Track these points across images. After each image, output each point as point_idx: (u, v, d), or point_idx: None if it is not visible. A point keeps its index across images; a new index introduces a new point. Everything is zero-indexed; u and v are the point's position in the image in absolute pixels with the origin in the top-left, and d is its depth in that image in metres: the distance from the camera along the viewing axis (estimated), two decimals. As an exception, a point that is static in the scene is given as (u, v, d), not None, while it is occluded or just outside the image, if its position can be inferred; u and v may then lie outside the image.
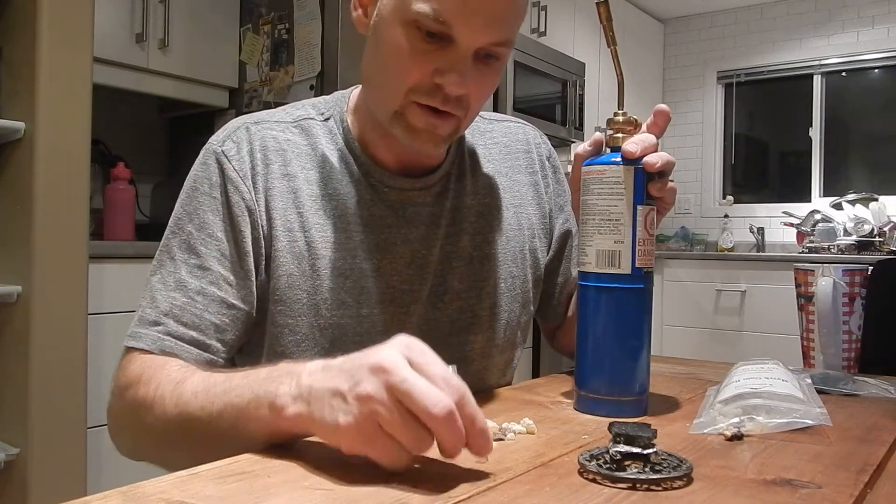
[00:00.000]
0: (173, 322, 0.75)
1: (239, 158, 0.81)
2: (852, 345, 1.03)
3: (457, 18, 0.71)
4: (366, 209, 0.84)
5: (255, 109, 2.56)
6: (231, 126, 0.85)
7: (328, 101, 0.90)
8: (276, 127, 0.85)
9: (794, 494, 0.51)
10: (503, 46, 0.76)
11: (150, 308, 0.77)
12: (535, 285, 0.96)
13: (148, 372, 0.72)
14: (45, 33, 1.70)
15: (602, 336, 0.74)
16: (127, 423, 0.76)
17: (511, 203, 0.94)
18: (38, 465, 1.70)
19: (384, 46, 0.76)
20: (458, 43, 0.73)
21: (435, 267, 0.86)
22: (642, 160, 0.72)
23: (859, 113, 4.37)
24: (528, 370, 3.05)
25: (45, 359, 1.71)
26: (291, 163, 0.83)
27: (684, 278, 4.04)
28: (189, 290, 0.76)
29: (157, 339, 0.75)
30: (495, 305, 0.90)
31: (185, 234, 0.79)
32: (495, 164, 0.95)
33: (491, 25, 0.73)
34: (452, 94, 0.74)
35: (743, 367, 0.80)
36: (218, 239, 0.78)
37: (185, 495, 0.48)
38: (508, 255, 0.92)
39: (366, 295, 0.82)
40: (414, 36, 0.73)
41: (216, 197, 0.79)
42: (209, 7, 2.56)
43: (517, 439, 0.63)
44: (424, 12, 0.71)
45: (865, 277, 1.04)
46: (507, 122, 1.01)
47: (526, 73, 3.21)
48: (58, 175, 1.73)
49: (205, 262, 0.77)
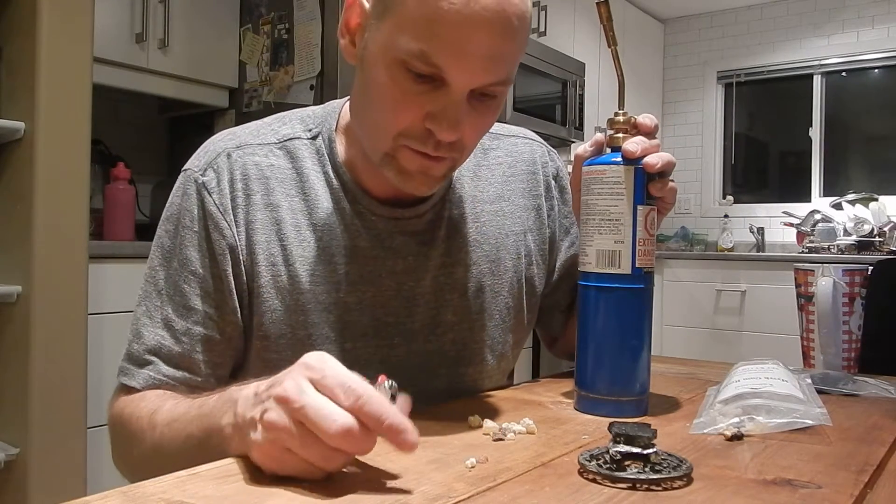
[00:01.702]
0: (163, 363, 0.76)
1: (219, 191, 0.78)
2: (852, 345, 1.03)
3: (448, 60, 0.64)
4: (350, 240, 0.80)
5: (255, 109, 2.57)
6: (212, 150, 0.81)
7: (317, 116, 0.84)
8: (259, 151, 0.80)
9: (794, 494, 0.51)
10: (501, 86, 0.69)
11: (138, 344, 0.77)
12: (530, 310, 0.93)
13: (129, 406, 0.75)
14: (45, 33, 1.70)
15: (602, 336, 0.74)
16: (120, 452, 0.78)
17: (511, 230, 0.90)
18: (38, 465, 1.70)
19: (371, 85, 0.70)
20: (451, 85, 0.66)
21: (427, 299, 0.83)
22: (642, 160, 0.72)
23: (859, 113, 4.37)
24: (528, 370, 3.05)
25: (45, 359, 1.71)
26: (275, 191, 0.79)
27: (684, 278, 4.04)
28: (176, 331, 0.76)
29: (148, 379, 0.76)
30: (489, 337, 0.87)
31: (171, 268, 0.78)
32: (497, 187, 0.90)
33: (487, 66, 0.66)
34: (445, 141, 0.69)
35: (743, 367, 0.80)
36: (200, 277, 0.77)
37: (185, 495, 0.48)
38: (505, 285, 0.88)
39: (349, 329, 0.79)
40: (402, 77, 0.67)
41: (197, 231, 0.77)
42: (209, 7, 2.56)
43: (517, 439, 0.63)
44: (413, 52, 0.64)
45: (865, 277, 1.04)
46: (514, 138, 0.95)
47: (526, 73, 3.21)
48: (58, 175, 1.73)
49: (189, 302, 0.76)
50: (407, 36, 0.65)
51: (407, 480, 0.51)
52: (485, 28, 0.64)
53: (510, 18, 0.65)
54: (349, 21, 0.73)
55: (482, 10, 0.63)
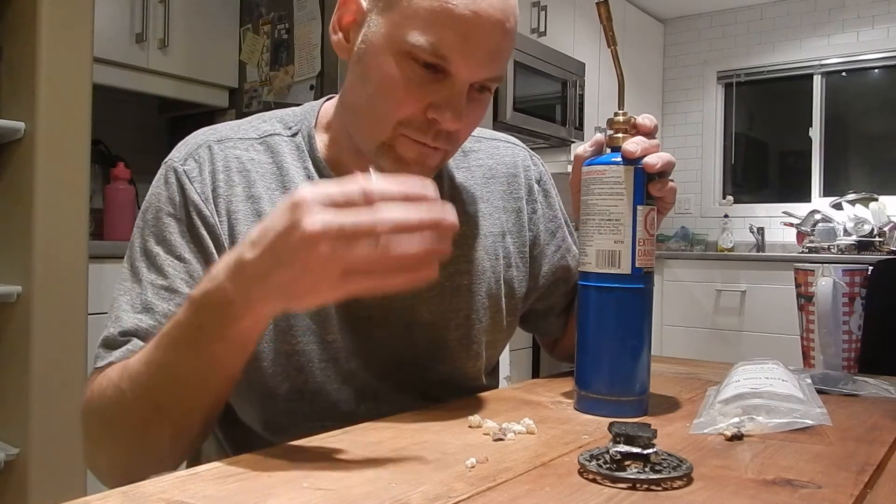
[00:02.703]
0: (140, 340, 0.72)
1: (201, 180, 0.78)
2: (852, 345, 1.03)
3: (455, 54, 0.69)
4: None
5: (255, 109, 2.57)
6: (192, 143, 0.81)
7: (296, 115, 0.86)
8: (241, 145, 0.81)
9: (794, 494, 0.51)
10: (496, 81, 0.74)
11: (115, 328, 0.74)
12: (510, 313, 0.92)
13: (100, 382, 0.70)
14: (45, 33, 1.70)
15: (602, 336, 0.74)
16: (96, 432, 0.73)
17: (490, 231, 0.90)
18: (38, 465, 1.70)
19: (374, 76, 0.72)
20: (455, 78, 0.70)
21: (403, 296, 0.82)
22: (642, 160, 0.72)
23: (859, 113, 4.37)
24: (528, 370, 3.05)
25: (45, 359, 1.71)
26: (256, 183, 0.79)
27: (684, 278, 4.04)
28: (156, 314, 0.73)
29: (125, 353, 0.71)
30: (465, 337, 0.87)
31: (152, 255, 0.76)
32: (476, 189, 0.91)
33: (489, 61, 0.71)
34: (447, 130, 0.72)
35: (743, 367, 0.80)
36: (186, 260, 0.75)
37: (185, 495, 0.48)
38: (482, 286, 0.88)
39: (328, 321, 0.80)
40: (408, 67, 0.70)
41: (181, 219, 0.77)
42: (209, 7, 2.56)
43: (517, 439, 0.63)
44: (421, 45, 0.68)
45: (865, 277, 1.04)
46: (496, 142, 0.96)
47: (526, 73, 3.21)
48: (58, 175, 1.73)
49: (172, 284, 0.75)
50: (414, 28, 0.69)
51: (407, 480, 0.51)
52: (490, 24, 0.69)
53: (509, 17, 0.71)
54: (342, 18, 0.76)
55: (488, 6, 0.69)
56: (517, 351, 2.95)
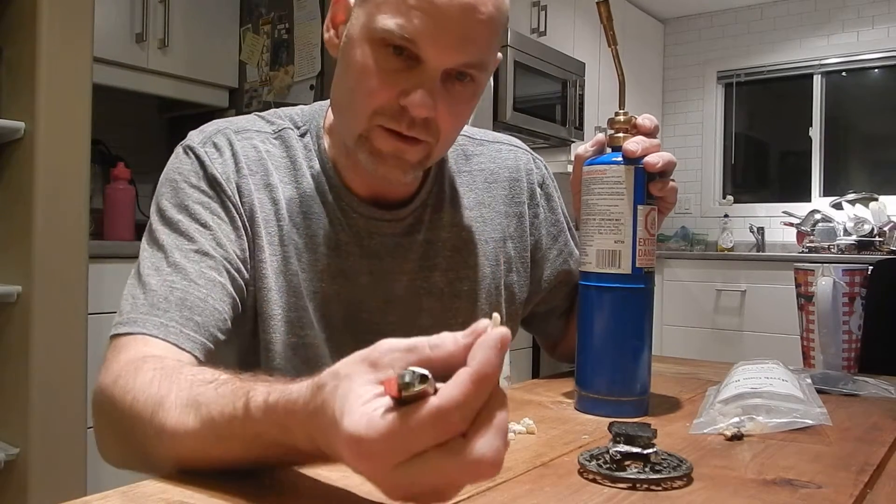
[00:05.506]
0: (175, 308, 0.68)
1: (222, 162, 0.78)
2: (852, 345, 1.03)
3: (423, 37, 0.68)
4: (334, 233, 0.81)
5: (255, 109, 2.56)
6: (209, 130, 0.81)
7: (305, 115, 0.86)
8: (257, 137, 0.82)
9: (794, 494, 0.51)
10: (475, 69, 0.72)
11: (145, 294, 0.69)
12: (510, 318, 0.92)
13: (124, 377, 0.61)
14: (45, 33, 1.70)
15: (603, 336, 0.74)
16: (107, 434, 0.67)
17: (491, 237, 0.90)
18: (38, 465, 1.70)
19: (351, 66, 0.73)
20: (426, 63, 0.70)
21: (403, 301, 0.83)
22: (643, 160, 0.72)
23: (859, 113, 4.36)
24: (528, 370, 3.05)
25: (45, 359, 1.71)
26: (272, 175, 0.80)
27: (684, 278, 4.04)
28: (189, 274, 0.70)
29: (161, 326, 0.67)
30: None
31: (174, 223, 0.74)
32: (477, 193, 0.90)
33: (460, 46, 0.70)
34: (418, 117, 0.70)
35: (743, 367, 0.80)
36: (212, 228, 0.74)
37: (185, 495, 0.48)
38: (483, 291, 0.88)
39: (332, 320, 0.80)
40: (380, 54, 0.70)
41: (205, 190, 0.76)
42: (209, 7, 2.56)
43: (517, 439, 0.63)
44: (390, 28, 0.68)
45: (865, 277, 1.04)
46: (499, 145, 0.95)
47: (526, 72, 3.21)
48: (58, 175, 1.73)
49: (202, 248, 0.72)
50: (385, 13, 0.69)
51: (407, 480, 0.51)
52: (459, 8, 0.68)
53: (486, 3, 0.70)
54: (335, 16, 0.77)
55: None
56: (517, 351, 2.95)
